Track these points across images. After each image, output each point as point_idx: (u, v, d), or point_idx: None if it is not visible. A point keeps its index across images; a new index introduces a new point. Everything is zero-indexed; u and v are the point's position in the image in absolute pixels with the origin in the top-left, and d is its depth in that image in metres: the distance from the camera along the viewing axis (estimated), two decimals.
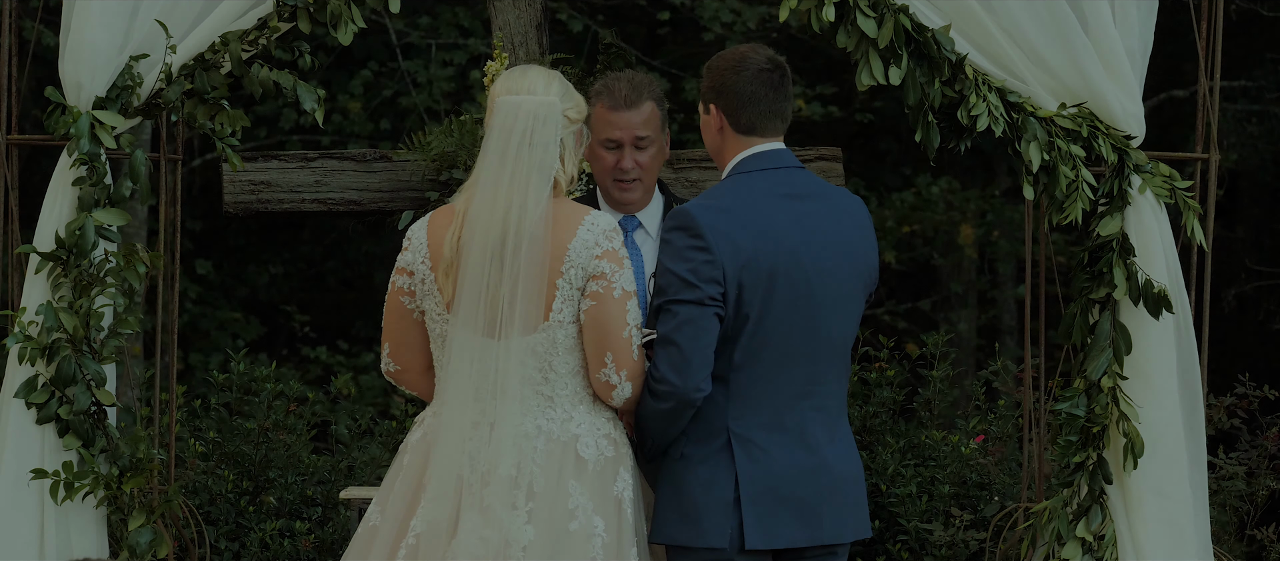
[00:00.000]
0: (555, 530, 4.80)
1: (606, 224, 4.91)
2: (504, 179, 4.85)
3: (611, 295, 4.87)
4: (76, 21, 5.67)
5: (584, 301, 4.88)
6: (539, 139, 4.87)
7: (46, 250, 5.67)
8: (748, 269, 4.92)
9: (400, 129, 12.33)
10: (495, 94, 4.95)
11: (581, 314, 4.88)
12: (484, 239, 4.84)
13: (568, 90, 4.97)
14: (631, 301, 4.90)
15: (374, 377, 12.06)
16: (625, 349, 4.89)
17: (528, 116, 4.88)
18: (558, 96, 4.92)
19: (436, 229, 4.96)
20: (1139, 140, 5.78)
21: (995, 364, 8.37)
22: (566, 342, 4.89)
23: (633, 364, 4.91)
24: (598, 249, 4.87)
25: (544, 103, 4.89)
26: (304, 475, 7.95)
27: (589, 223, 4.89)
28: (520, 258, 4.83)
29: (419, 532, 4.85)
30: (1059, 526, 5.76)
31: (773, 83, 5.06)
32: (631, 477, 4.94)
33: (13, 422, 5.65)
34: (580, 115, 4.99)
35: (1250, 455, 7.79)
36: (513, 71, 4.99)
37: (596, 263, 4.87)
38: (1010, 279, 13.47)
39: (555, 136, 4.89)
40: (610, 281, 4.87)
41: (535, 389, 4.89)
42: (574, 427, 4.89)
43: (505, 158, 4.86)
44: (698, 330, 4.89)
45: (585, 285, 4.87)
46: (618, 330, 4.88)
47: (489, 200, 4.85)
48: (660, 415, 4.92)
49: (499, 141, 4.88)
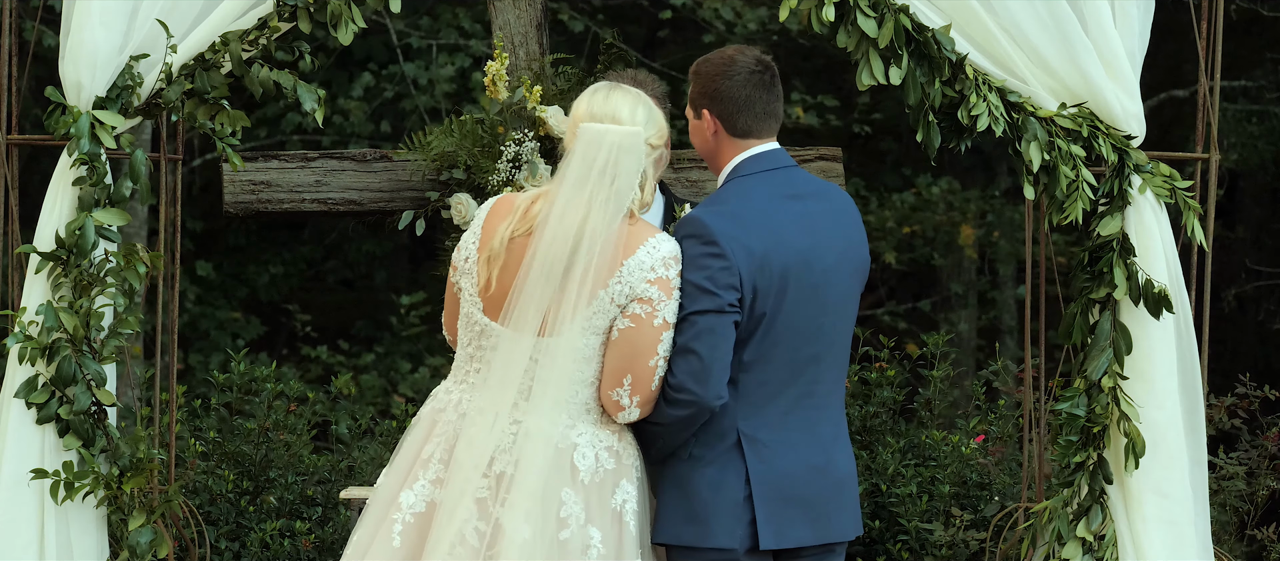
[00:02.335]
0: (548, 536, 4.78)
1: (668, 251, 4.85)
2: (579, 204, 4.79)
3: (652, 322, 4.83)
4: (77, 21, 5.67)
5: (623, 319, 4.83)
6: (621, 168, 4.81)
7: (46, 250, 5.67)
8: (761, 272, 4.91)
9: (401, 130, 12.33)
10: (578, 118, 4.87)
11: (615, 329, 4.84)
12: (548, 253, 4.78)
13: (651, 116, 4.90)
14: (667, 333, 4.84)
15: (374, 377, 12.05)
16: (646, 377, 4.85)
17: (612, 148, 4.81)
18: (642, 124, 4.86)
19: (495, 216, 4.91)
20: (1139, 140, 5.78)
21: (995, 364, 8.37)
22: (586, 351, 4.85)
23: (648, 392, 4.86)
24: (652, 274, 4.83)
25: (629, 134, 4.83)
26: (304, 475, 7.95)
27: (652, 245, 4.84)
28: (577, 276, 4.78)
29: (419, 512, 4.84)
30: (1059, 526, 5.76)
31: (764, 84, 5.05)
32: (635, 491, 4.90)
33: (13, 422, 5.65)
34: (662, 140, 4.93)
35: (1250, 455, 7.79)
36: (597, 93, 4.91)
37: (647, 286, 4.82)
38: (1010, 279, 13.46)
39: (638, 167, 4.84)
40: (655, 308, 4.83)
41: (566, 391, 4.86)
42: (574, 436, 4.86)
43: (584, 183, 4.80)
44: (717, 339, 4.86)
45: (628, 304, 4.83)
46: (646, 357, 4.84)
47: (560, 218, 4.79)
48: (676, 422, 4.90)
49: (580, 170, 4.81)
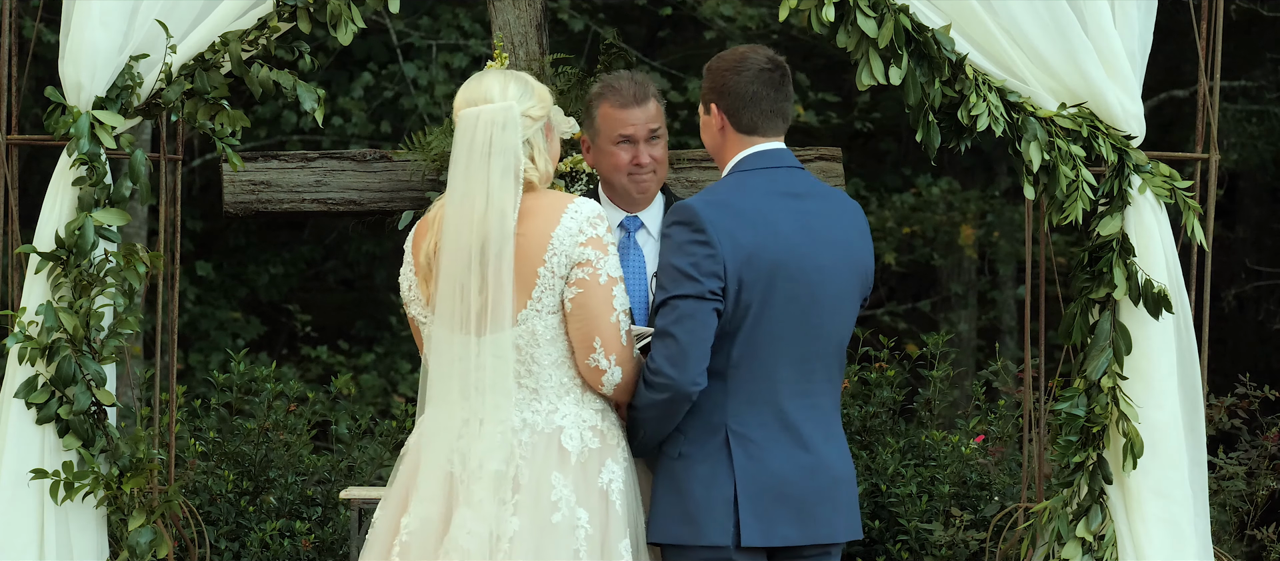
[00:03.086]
0: (539, 522, 4.80)
1: (590, 210, 4.91)
2: (471, 188, 4.86)
3: (597, 281, 4.87)
4: (76, 21, 5.67)
5: (569, 289, 4.88)
6: (500, 145, 4.88)
7: (46, 250, 5.66)
8: (748, 264, 4.92)
9: (400, 130, 12.33)
10: (456, 108, 4.97)
11: (567, 301, 4.89)
12: (456, 243, 4.85)
13: (526, 88, 4.96)
14: (618, 286, 4.90)
15: (374, 377, 12.06)
16: (613, 333, 4.89)
17: (486, 125, 4.88)
18: (515, 98, 4.92)
19: (417, 238, 5.02)
20: (1139, 140, 5.78)
21: (995, 364, 8.38)
22: (547, 333, 4.89)
23: (621, 349, 4.91)
24: (582, 236, 4.87)
25: (500, 108, 4.89)
26: (304, 475, 7.95)
27: (573, 210, 4.89)
28: (493, 259, 4.83)
29: (412, 529, 4.86)
30: (1059, 526, 5.75)
31: (773, 82, 5.07)
32: (621, 469, 4.93)
33: (13, 422, 5.65)
34: (544, 111, 4.98)
35: (1250, 455, 7.80)
36: (469, 81, 5.00)
37: (581, 249, 4.87)
38: (1010, 279, 13.47)
39: (518, 139, 4.89)
40: (596, 268, 4.88)
41: (520, 382, 4.89)
42: (558, 419, 4.89)
43: (470, 167, 4.87)
44: (696, 324, 4.88)
45: (569, 273, 4.87)
46: (604, 315, 4.88)
47: (458, 208, 4.87)
48: (655, 407, 4.92)
49: (463, 153, 4.90)
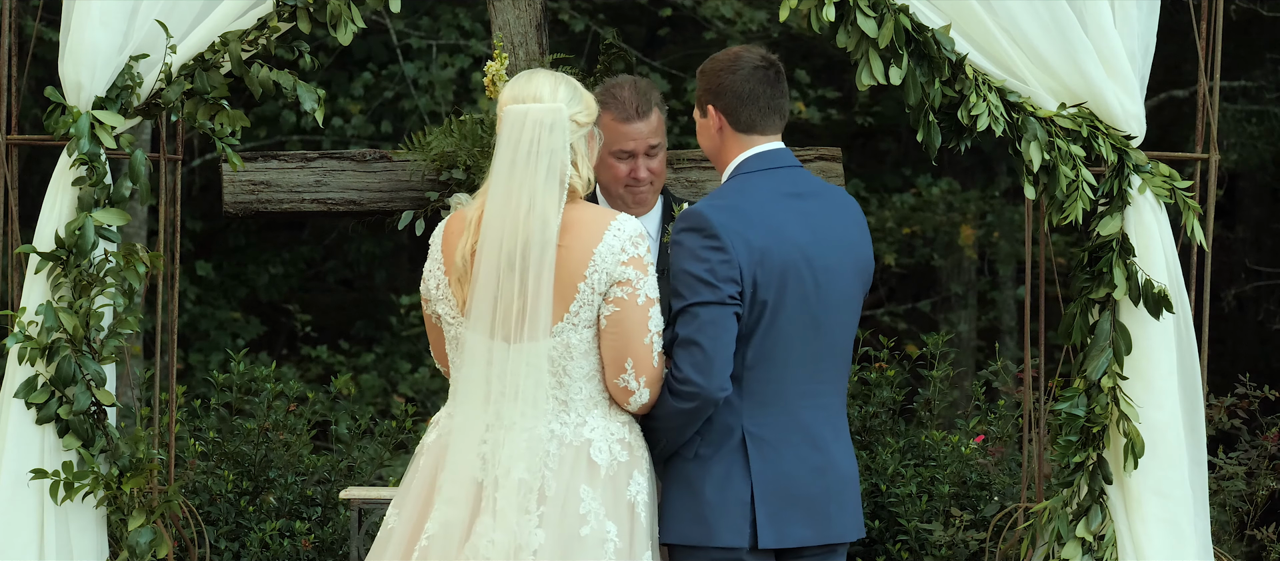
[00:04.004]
0: (566, 534, 4.78)
1: (633, 229, 4.87)
2: (514, 188, 4.81)
3: (635, 302, 4.84)
4: (76, 21, 5.67)
5: (606, 307, 4.85)
6: (546, 146, 4.83)
7: (46, 250, 5.66)
8: (761, 267, 4.92)
9: (401, 131, 12.33)
10: (502, 103, 4.91)
11: (603, 318, 4.86)
12: (496, 247, 4.81)
13: (575, 93, 4.92)
14: (654, 308, 4.87)
15: (374, 377, 12.06)
16: (646, 355, 4.87)
17: (535, 125, 4.84)
18: (565, 102, 4.87)
19: (449, 237, 4.95)
20: (1139, 140, 5.78)
21: (995, 364, 8.37)
22: (581, 346, 4.86)
23: (652, 370, 4.88)
24: (624, 255, 4.84)
25: (551, 109, 4.85)
26: (304, 475, 7.95)
27: (616, 227, 4.85)
28: (534, 265, 4.79)
29: (432, 534, 4.83)
30: (1059, 526, 5.75)
31: (769, 79, 5.07)
32: (646, 481, 4.91)
33: (13, 422, 5.65)
34: (590, 118, 4.94)
35: (1250, 455, 7.79)
36: (519, 78, 4.94)
37: (622, 269, 4.83)
38: (1010, 280, 13.47)
39: (564, 143, 4.85)
40: (635, 288, 4.84)
41: (550, 393, 4.86)
42: (587, 432, 4.87)
43: (514, 167, 4.82)
44: (719, 330, 4.87)
45: (609, 291, 4.84)
46: (639, 336, 4.85)
47: (500, 209, 4.82)
48: (681, 415, 4.90)
49: (508, 151, 4.84)
